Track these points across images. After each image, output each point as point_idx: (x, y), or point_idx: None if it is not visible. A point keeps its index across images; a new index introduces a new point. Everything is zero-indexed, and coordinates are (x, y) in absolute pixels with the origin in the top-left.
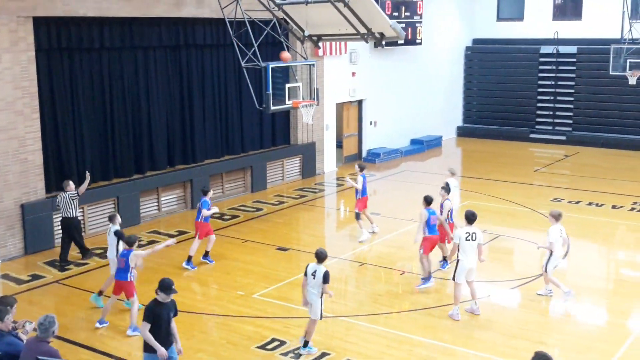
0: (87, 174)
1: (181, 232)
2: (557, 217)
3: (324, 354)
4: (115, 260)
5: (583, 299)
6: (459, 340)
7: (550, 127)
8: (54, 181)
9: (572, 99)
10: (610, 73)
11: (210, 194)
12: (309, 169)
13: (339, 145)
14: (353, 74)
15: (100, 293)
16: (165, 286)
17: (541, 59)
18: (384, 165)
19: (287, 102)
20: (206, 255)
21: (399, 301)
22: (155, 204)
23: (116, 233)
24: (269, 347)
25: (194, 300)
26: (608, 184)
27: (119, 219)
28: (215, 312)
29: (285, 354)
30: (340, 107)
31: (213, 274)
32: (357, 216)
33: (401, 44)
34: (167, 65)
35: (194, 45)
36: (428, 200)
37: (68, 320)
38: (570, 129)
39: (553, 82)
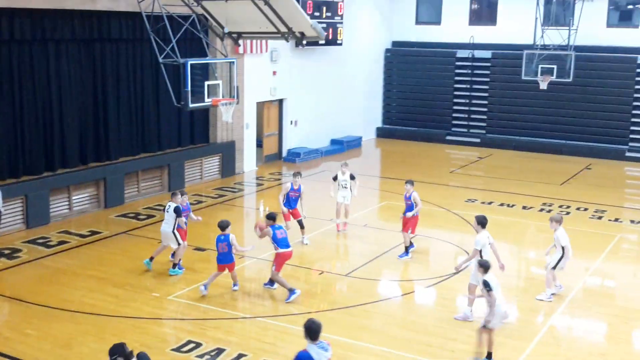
0: None
1: (93, 232)
2: (559, 221)
3: (240, 355)
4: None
5: None
6: (376, 338)
7: (465, 130)
8: None
9: (486, 102)
10: (523, 78)
11: (179, 198)
12: (228, 168)
13: (259, 144)
14: (274, 72)
15: (151, 259)
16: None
17: (457, 63)
18: (304, 165)
19: (206, 99)
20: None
21: (317, 301)
22: (67, 202)
23: (175, 210)
24: (185, 349)
25: (106, 302)
26: (519, 185)
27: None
28: (129, 315)
29: (201, 356)
30: (260, 106)
31: (126, 275)
32: None
33: (322, 44)
34: (80, 59)
35: (109, 39)
36: (271, 217)
37: None
38: (484, 131)
39: (468, 86)
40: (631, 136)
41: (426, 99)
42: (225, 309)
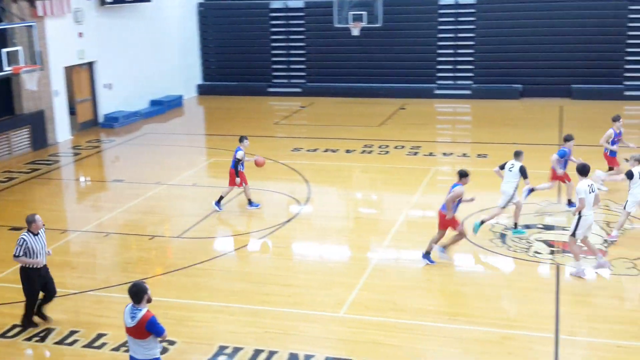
0: None
1: None
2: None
3: (72, 332)
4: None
5: (327, 239)
6: (216, 295)
7: (286, 80)
8: None
9: (304, 52)
10: (335, 25)
11: (246, 143)
12: (39, 139)
13: (72, 111)
14: (80, 34)
15: (482, 222)
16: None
17: (272, 14)
18: (124, 129)
19: (5, 68)
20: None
21: (152, 266)
22: None
23: (521, 169)
24: (10, 334)
25: None
26: (341, 130)
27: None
28: None
29: (29, 339)
30: (69, 70)
31: None
32: None
33: (130, 1)
34: None
35: None
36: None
37: None
38: (304, 80)
39: (285, 37)
40: (438, 74)
41: (245, 52)
42: None
